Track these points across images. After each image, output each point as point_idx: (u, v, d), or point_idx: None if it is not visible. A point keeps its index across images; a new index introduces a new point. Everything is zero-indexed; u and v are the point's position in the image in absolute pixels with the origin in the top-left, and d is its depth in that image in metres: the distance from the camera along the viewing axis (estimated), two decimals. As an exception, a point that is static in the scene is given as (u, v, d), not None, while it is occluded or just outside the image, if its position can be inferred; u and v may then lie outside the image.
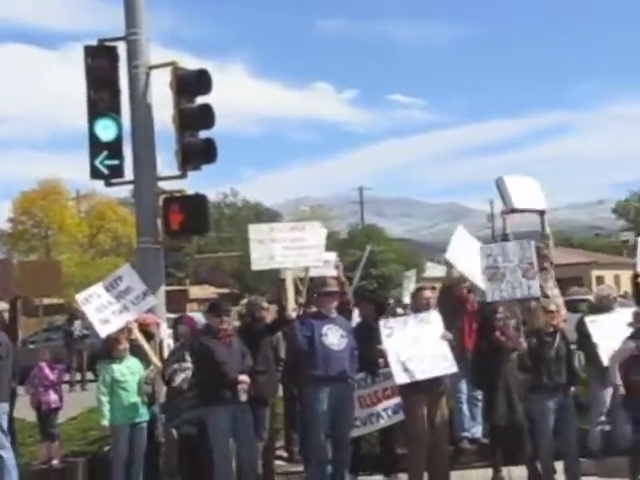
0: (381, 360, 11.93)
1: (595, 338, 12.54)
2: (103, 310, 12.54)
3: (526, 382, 11.76)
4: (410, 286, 18.27)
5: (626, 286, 57.95)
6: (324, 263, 13.28)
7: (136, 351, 12.33)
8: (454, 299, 13.04)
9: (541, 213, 14.17)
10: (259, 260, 12.32)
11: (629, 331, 11.72)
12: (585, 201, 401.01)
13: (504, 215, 13.84)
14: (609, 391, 12.62)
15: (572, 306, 16.94)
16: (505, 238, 13.55)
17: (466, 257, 13.19)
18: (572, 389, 11.85)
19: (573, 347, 12.54)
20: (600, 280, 60.18)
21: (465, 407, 12.95)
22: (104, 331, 12.49)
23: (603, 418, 12.85)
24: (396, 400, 12.09)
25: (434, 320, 11.76)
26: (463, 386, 12.96)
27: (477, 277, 12.98)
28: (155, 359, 12.29)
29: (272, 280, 24.00)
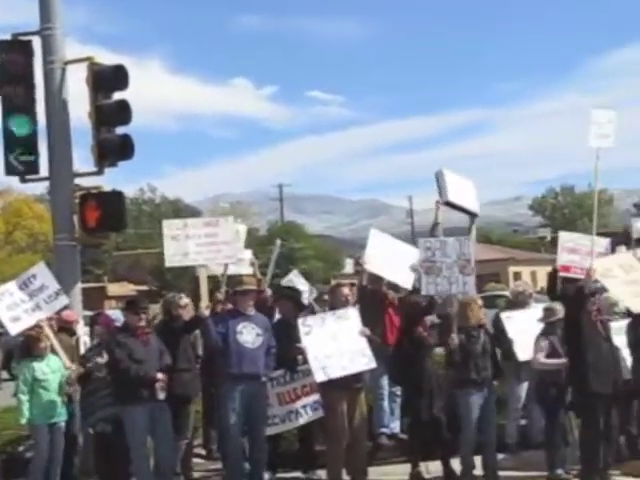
0: (300, 357, 11.92)
1: (510, 334, 12.70)
2: (14, 308, 12.33)
3: (451, 377, 11.84)
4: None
5: (543, 282, 58.77)
6: (238, 261, 13.22)
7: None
8: (374, 295, 13.07)
9: (472, 216, 14.27)
10: (173, 257, 12.19)
11: (540, 327, 11.91)
12: (503, 198, 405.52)
13: (438, 205, 13.86)
14: (525, 386, 12.80)
15: (490, 302, 17.18)
16: (435, 227, 13.59)
17: (383, 257, 13.26)
18: (495, 383, 12.00)
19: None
20: (517, 276, 61.09)
21: (385, 403, 12.98)
22: (14, 329, 12.29)
23: (519, 413, 13.02)
24: (315, 397, 12.07)
25: (352, 316, 11.78)
26: (384, 382, 12.98)
27: (397, 275, 13.10)
28: (65, 358, 12.11)
29: (192, 277, 23.90)
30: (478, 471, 11.73)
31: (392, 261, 13.07)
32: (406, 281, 13.15)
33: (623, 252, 14.37)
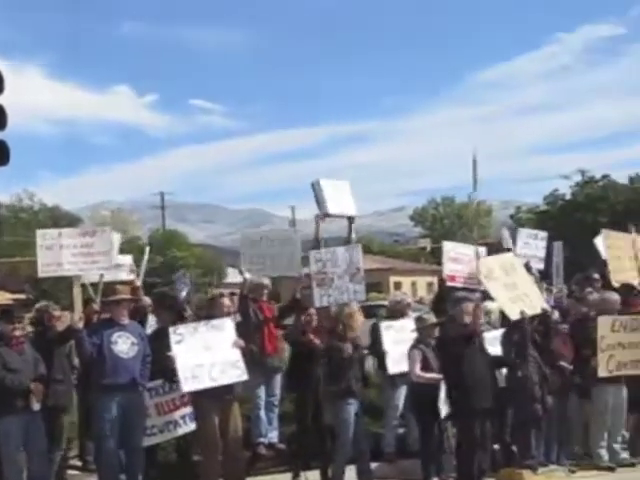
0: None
1: (385, 345, 12.79)
2: None
3: (331, 387, 11.84)
4: None
5: (422, 292, 59.60)
6: (116, 267, 13.10)
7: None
8: (253, 305, 13.05)
9: (350, 219, 14.29)
10: (47, 267, 11.98)
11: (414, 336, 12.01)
12: (385, 208, 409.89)
13: (318, 220, 13.84)
14: (402, 394, 12.90)
15: (371, 312, 17.28)
16: (316, 244, 13.58)
17: (262, 265, 13.32)
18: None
19: (366, 352, 12.75)
20: (398, 286, 61.60)
21: (262, 413, 12.95)
22: None
23: (396, 422, 13.12)
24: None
25: (227, 327, 11.68)
26: (261, 392, 12.94)
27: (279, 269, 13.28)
28: None
29: (68, 286, 23.46)
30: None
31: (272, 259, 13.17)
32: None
33: (506, 254, 14.56)
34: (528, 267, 13.90)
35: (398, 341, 12.59)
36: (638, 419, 13.15)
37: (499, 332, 12.48)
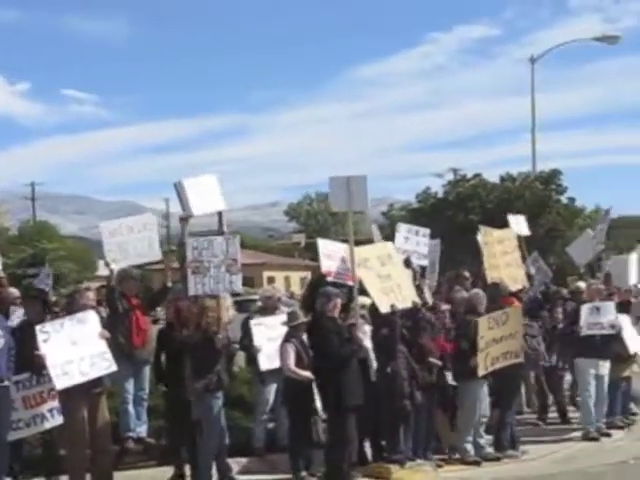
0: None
1: (256, 341, 12.79)
2: None
3: (199, 381, 11.72)
4: None
5: (296, 286, 59.82)
6: None
7: None
8: (120, 297, 12.92)
9: (220, 213, 14.17)
10: None
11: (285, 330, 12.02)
12: (260, 203, 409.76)
13: (183, 222, 13.69)
14: (272, 389, 12.91)
15: (244, 306, 17.25)
16: (182, 244, 13.43)
17: (125, 253, 13.24)
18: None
19: (237, 346, 12.73)
20: (271, 280, 61.63)
21: (131, 407, 12.82)
22: None
23: (266, 416, 13.12)
24: (62, 400, 11.80)
25: (90, 320, 11.51)
26: (130, 386, 12.82)
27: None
28: None
29: None
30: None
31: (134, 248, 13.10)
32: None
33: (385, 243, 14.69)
34: (408, 262, 14.04)
35: (270, 338, 12.59)
36: (502, 414, 13.41)
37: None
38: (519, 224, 18.25)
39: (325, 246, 14.10)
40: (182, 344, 11.88)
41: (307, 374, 11.45)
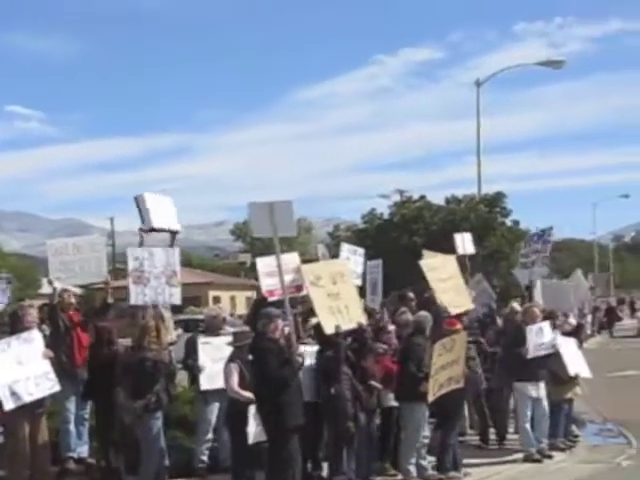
0: None
1: (201, 361, 12.72)
2: None
3: (137, 401, 11.64)
4: None
5: (242, 306, 59.65)
6: None
7: None
8: (62, 315, 12.82)
9: (173, 233, 14.12)
10: None
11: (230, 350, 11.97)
12: (206, 222, 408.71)
13: (142, 234, 13.64)
14: (215, 409, 12.84)
15: (189, 325, 17.21)
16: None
17: (71, 272, 13.16)
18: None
19: (179, 366, 12.65)
20: (217, 300, 61.53)
21: (72, 426, 12.70)
22: None
23: (209, 436, 13.03)
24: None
25: (36, 339, 11.43)
26: (71, 405, 12.71)
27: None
28: None
29: None
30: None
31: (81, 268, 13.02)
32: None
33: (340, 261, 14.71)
34: None
35: (214, 359, 12.51)
36: (444, 436, 13.43)
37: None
38: (465, 242, 18.37)
39: (265, 265, 14.08)
40: (121, 363, 11.81)
41: (249, 395, 11.39)
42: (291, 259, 13.72)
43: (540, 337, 14.86)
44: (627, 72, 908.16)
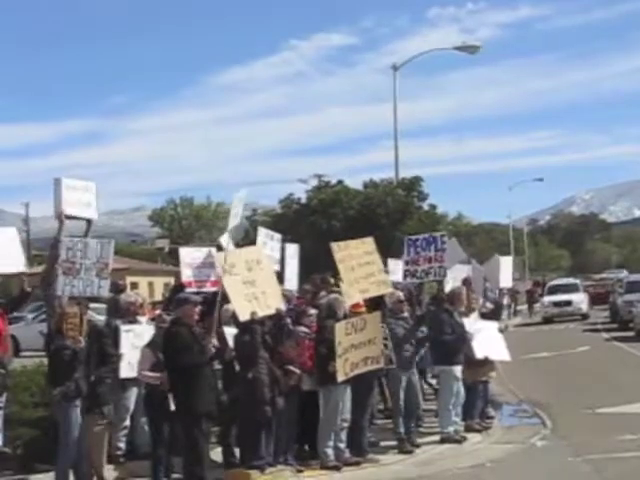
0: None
1: (123, 348, 12.65)
2: None
3: (57, 389, 11.52)
4: None
5: (159, 292, 59.26)
6: None
7: None
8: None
9: (89, 221, 13.97)
10: None
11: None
12: (124, 208, 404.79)
13: (59, 219, 13.44)
14: (133, 396, 12.81)
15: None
16: (56, 243, 13.16)
17: None
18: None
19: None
20: (135, 286, 61.01)
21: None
22: None
23: (126, 423, 12.97)
24: None
25: None
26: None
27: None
28: None
29: None
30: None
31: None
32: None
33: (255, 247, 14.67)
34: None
35: (136, 346, 12.45)
36: (357, 417, 13.48)
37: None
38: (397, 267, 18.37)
39: (187, 255, 14.07)
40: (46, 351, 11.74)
41: (157, 375, 11.40)
42: (218, 255, 13.66)
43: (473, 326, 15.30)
44: (539, 57, 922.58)
